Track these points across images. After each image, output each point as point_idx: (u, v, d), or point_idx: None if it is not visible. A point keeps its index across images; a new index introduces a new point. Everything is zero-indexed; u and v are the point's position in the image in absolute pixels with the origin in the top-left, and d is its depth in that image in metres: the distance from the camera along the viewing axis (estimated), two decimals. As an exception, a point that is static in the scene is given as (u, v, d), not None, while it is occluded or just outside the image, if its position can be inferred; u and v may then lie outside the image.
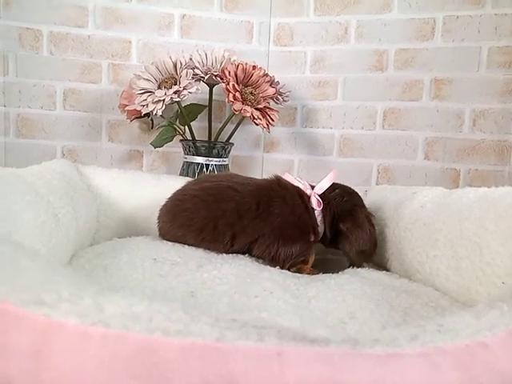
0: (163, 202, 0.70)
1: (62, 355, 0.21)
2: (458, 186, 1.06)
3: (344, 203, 0.64)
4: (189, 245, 0.64)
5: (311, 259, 0.62)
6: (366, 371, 0.22)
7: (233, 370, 0.21)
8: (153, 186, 0.83)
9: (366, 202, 0.69)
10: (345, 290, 0.48)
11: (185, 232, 0.64)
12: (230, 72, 0.94)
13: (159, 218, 0.70)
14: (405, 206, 0.64)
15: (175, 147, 1.12)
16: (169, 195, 0.70)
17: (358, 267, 0.61)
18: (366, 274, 0.57)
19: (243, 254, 0.64)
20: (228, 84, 0.93)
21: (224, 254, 0.62)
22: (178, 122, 1.04)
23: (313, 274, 0.60)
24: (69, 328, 0.22)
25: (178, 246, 0.64)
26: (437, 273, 0.52)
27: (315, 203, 0.62)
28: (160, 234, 0.70)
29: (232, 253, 0.63)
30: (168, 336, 0.22)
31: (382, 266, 0.68)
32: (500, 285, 0.43)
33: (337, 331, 0.38)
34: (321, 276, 0.57)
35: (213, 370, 0.21)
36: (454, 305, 0.47)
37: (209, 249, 0.63)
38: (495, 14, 1.03)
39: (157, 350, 0.21)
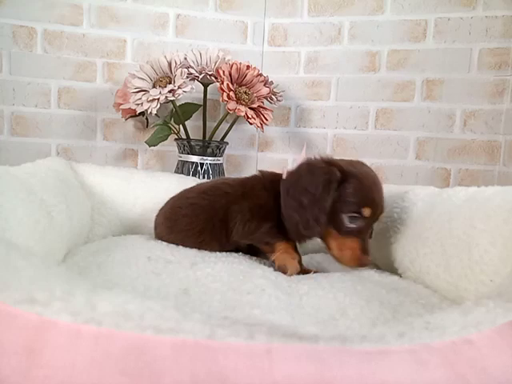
0: (158, 200, 0.70)
1: (54, 353, 0.21)
2: (448, 186, 1.07)
3: None
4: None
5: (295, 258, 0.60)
6: (353, 368, 0.22)
7: (223, 368, 0.21)
8: (147, 183, 0.83)
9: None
10: (336, 288, 0.49)
11: (184, 237, 0.65)
12: (224, 71, 0.95)
13: (156, 224, 0.71)
14: (396, 205, 0.65)
15: (170, 146, 1.12)
16: (163, 193, 0.70)
17: None
18: (357, 271, 0.58)
19: (236, 251, 0.64)
20: (222, 83, 0.93)
21: (218, 253, 0.62)
22: (172, 121, 1.04)
23: (305, 273, 0.60)
24: (61, 326, 0.22)
25: (172, 245, 0.64)
26: (427, 270, 0.53)
27: None
28: (156, 238, 0.70)
29: (227, 251, 0.64)
30: (159, 334, 0.22)
31: (372, 263, 0.68)
32: (488, 283, 0.43)
33: (327, 328, 0.39)
34: (313, 274, 0.58)
35: (203, 367, 0.21)
36: (444, 302, 0.48)
37: (206, 249, 0.64)
38: (486, 17, 1.04)
39: (148, 348, 0.22)
